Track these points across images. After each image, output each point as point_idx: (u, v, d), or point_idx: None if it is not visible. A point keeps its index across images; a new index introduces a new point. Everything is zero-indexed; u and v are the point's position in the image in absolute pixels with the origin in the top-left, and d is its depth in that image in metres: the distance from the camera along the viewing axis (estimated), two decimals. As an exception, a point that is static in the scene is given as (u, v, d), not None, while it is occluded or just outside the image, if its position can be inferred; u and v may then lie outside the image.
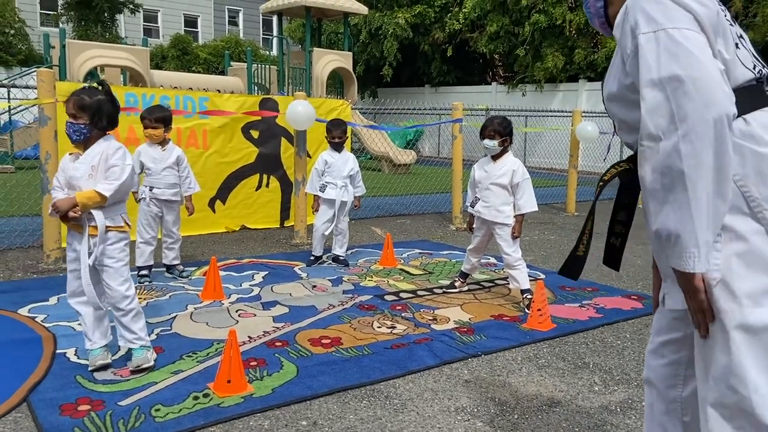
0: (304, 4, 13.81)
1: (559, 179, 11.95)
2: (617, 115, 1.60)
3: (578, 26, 15.60)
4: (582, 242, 1.72)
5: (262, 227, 7.01)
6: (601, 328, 3.90)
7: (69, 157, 3.00)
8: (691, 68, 1.30)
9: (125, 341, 3.10)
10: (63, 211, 2.85)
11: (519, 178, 4.19)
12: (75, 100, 2.90)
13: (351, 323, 3.86)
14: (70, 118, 2.91)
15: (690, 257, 1.31)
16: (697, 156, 1.28)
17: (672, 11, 1.36)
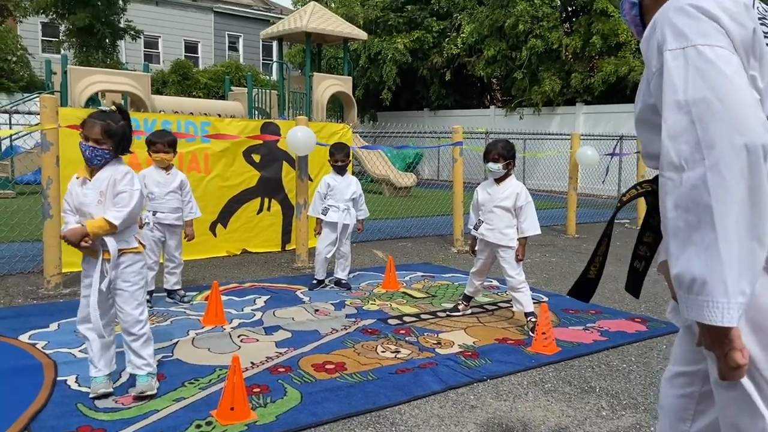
0: (305, 30, 13.97)
1: (559, 201, 11.97)
2: (643, 141, 1.47)
3: (574, 51, 15.77)
4: (594, 264, 1.60)
5: (263, 251, 6.99)
6: (606, 352, 3.86)
7: (76, 181, 2.97)
8: (722, 90, 1.16)
9: (133, 367, 3.06)
10: (74, 243, 2.85)
11: (522, 201, 4.20)
12: (102, 126, 2.87)
13: (355, 348, 3.82)
14: (92, 143, 2.86)
15: (717, 308, 1.12)
16: (728, 189, 1.11)
17: (704, 26, 1.22)
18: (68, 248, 5.32)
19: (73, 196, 2.95)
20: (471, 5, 17.89)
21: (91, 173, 2.95)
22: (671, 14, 1.28)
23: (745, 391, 1.26)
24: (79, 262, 5.57)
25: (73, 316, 4.26)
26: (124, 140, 2.94)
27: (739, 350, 1.16)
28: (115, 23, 19.44)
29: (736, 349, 1.16)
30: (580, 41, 15.61)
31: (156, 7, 26.52)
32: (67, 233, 2.88)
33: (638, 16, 1.53)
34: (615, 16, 14.66)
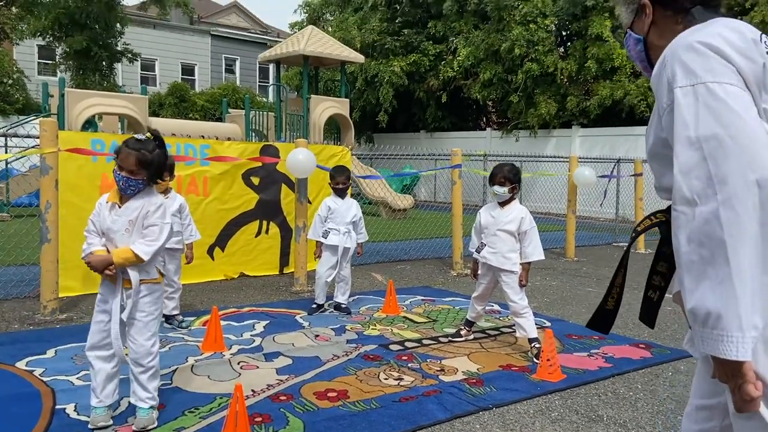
0: (302, 53, 14.06)
1: (557, 224, 11.97)
2: (655, 174, 1.49)
3: (570, 74, 15.93)
4: (612, 295, 1.59)
5: (261, 274, 6.94)
6: (612, 379, 3.82)
7: (106, 205, 2.90)
8: (733, 127, 1.18)
9: (136, 398, 2.98)
10: (98, 270, 2.80)
11: (527, 225, 4.19)
12: (137, 156, 2.81)
13: (357, 375, 3.77)
14: (126, 173, 2.81)
15: (732, 342, 1.14)
16: (741, 224, 1.13)
17: (713, 63, 1.25)
18: (66, 273, 5.28)
19: (101, 219, 2.88)
20: (467, 29, 18.09)
21: (122, 199, 2.90)
22: (680, 52, 1.30)
23: (764, 421, 1.25)
24: (77, 287, 5.54)
25: (70, 341, 4.22)
26: (158, 170, 2.92)
27: (752, 383, 1.18)
28: (112, 46, 19.54)
29: (749, 382, 1.18)
30: (575, 65, 15.78)
31: (153, 30, 26.71)
32: (92, 259, 2.81)
33: (643, 52, 1.57)
34: (609, 41, 14.84)
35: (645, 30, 1.55)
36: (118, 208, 2.88)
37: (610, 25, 14.95)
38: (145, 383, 2.96)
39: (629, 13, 1.58)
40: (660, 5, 1.51)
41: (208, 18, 30.50)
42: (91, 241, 2.88)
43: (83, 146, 5.42)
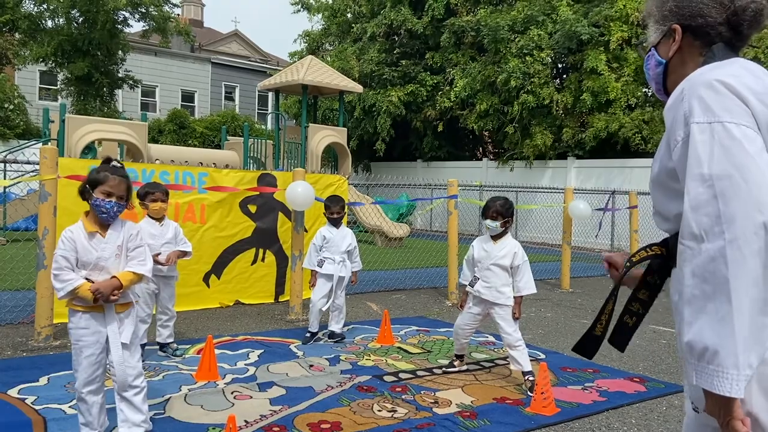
0: (302, 82, 14.23)
1: (552, 254, 12.01)
2: (655, 201, 1.52)
3: (565, 106, 16.14)
4: (600, 322, 1.60)
5: (256, 302, 6.93)
6: (606, 413, 3.81)
7: (84, 237, 2.85)
8: (746, 169, 1.20)
9: (129, 425, 2.95)
10: (106, 295, 2.80)
11: (519, 260, 4.22)
12: (127, 183, 2.91)
13: (350, 406, 3.76)
14: (116, 199, 2.85)
15: (727, 379, 1.16)
16: (745, 265, 1.16)
17: (731, 103, 1.26)
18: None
19: (83, 251, 2.84)
20: (464, 61, 18.36)
21: (102, 227, 2.91)
22: (700, 88, 1.32)
23: None
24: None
25: (63, 369, 4.20)
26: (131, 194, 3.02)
27: (740, 419, 1.21)
28: (113, 73, 19.75)
29: (737, 419, 1.20)
30: (570, 97, 15.99)
31: (155, 57, 27.03)
32: (100, 286, 2.78)
33: (662, 75, 1.57)
34: (604, 74, 15.07)
35: (669, 54, 1.54)
36: (102, 237, 2.88)
37: (605, 59, 15.20)
38: (140, 405, 2.97)
39: (658, 34, 1.58)
40: (690, 34, 1.50)
41: (209, 46, 30.89)
42: (68, 278, 2.79)
43: (82, 173, 5.45)
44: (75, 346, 2.92)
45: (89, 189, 2.86)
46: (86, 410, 2.93)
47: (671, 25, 1.53)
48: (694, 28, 1.50)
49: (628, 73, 15.22)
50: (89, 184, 2.87)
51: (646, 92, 16.55)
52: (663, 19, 1.56)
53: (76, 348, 2.91)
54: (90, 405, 2.92)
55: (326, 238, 5.34)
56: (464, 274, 4.46)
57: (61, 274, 2.80)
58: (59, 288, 2.82)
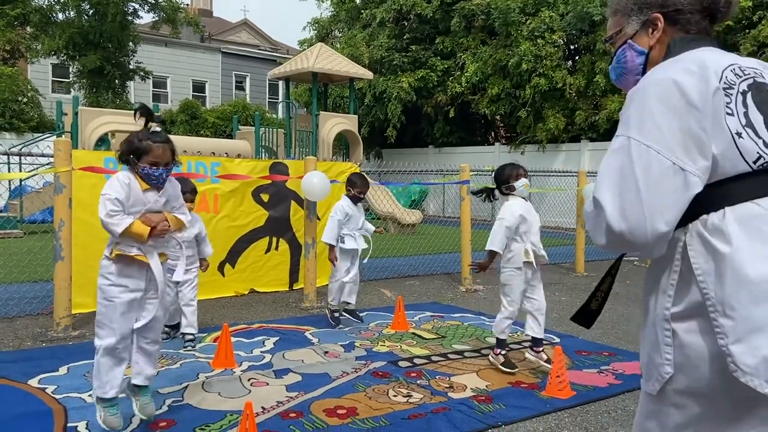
0: (312, 70, 14.20)
1: (566, 238, 11.95)
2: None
3: (578, 89, 15.96)
4: (596, 298, 1.65)
5: (271, 290, 6.97)
6: (621, 396, 3.80)
7: (139, 188, 2.91)
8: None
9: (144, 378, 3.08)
10: (156, 223, 2.87)
11: None
12: (168, 147, 2.94)
13: (366, 392, 3.78)
14: (164, 167, 2.90)
15: None
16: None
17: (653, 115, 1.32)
18: (79, 289, 5.34)
19: (136, 200, 2.88)
20: (475, 45, 18.21)
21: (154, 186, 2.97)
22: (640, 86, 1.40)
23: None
24: (91, 303, 5.58)
25: (83, 358, 4.27)
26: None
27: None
28: (125, 64, 19.82)
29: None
30: (583, 80, 15.82)
31: (165, 48, 27.08)
32: (151, 216, 2.88)
33: (642, 66, 1.58)
34: (617, 55, 14.87)
35: (651, 44, 1.55)
36: (153, 193, 2.94)
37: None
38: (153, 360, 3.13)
39: (635, 24, 1.58)
40: (672, 24, 1.52)
41: (219, 36, 30.87)
42: (122, 219, 2.82)
43: (96, 165, 5.51)
44: (109, 304, 2.91)
45: (134, 159, 2.88)
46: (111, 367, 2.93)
47: (652, 14, 1.53)
48: (675, 17, 1.51)
49: (641, 54, 15.01)
50: (133, 154, 2.87)
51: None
52: (641, 10, 1.57)
53: (110, 306, 2.90)
54: (120, 361, 2.96)
55: (348, 215, 5.35)
56: (500, 241, 4.18)
57: (116, 215, 2.82)
58: (116, 224, 2.80)
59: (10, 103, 18.47)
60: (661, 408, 1.41)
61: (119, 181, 2.86)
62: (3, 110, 18.38)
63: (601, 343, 5.06)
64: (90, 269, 5.53)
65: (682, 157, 1.28)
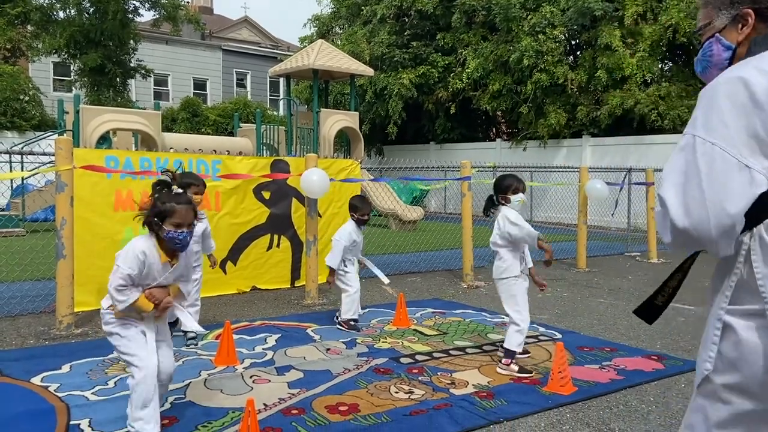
0: (312, 67, 14.19)
1: (568, 234, 11.94)
2: None
3: (580, 84, 15.92)
4: (663, 293, 1.62)
5: (272, 288, 6.98)
6: (623, 391, 3.80)
7: (158, 262, 2.89)
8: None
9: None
10: (160, 300, 2.89)
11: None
12: (191, 208, 2.90)
13: (368, 388, 3.78)
14: (187, 228, 2.87)
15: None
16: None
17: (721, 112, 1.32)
18: (81, 287, 5.35)
19: (151, 273, 2.88)
20: (475, 41, 18.16)
21: (173, 255, 2.94)
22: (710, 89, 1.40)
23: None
24: (93, 301, 5.61)
25: (85, 356, 4.28)
26: None
27: None
28: (126, 62, 19.83)
29: None
30: (585, 75, 15.78)
31: (166, 46, 27.06)
32: (154, 292, 2.89)
33: (728, 61, 1.55)
34: (619, 50, 14.83)
35: (739, 39, 1.52)
36: (171, 265, 2.95)
37: (620, 34, 14.95)
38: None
39: (724, 19, 1.55)
40: (763, 21, 1.49)
41: (219, 33, 30.85)
42: (130, 292, 2.85)
43: (98, 163, 5.51)
44: (126, 338, 2.92)
45: (158, 222, 2.86)
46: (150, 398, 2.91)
47: (743, 9, 1.50)
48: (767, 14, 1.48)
49: (643, 48, 14.96)
50: (157, 217, 2.86)
51: (662, 67, 16.28)
52: (732, 4, 1.53)
53: (129, 337, 2.92)
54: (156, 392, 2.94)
55: (355, 242, 5.32)
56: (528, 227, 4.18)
57: (125, 290, 2.83)
58: (121, 300, 2.83)
59: (11, 102, 18.49)
60: (708, 403, 1.41)
61: (135, 256, 2.84)
62: (5, 109, 18.39)
63: (603, 338, 5.06)
64: (92, 267, 5.55)
65: (747, 155, 1.28)
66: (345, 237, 5.25)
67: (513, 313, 4.18)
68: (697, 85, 15.29)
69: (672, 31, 14.45)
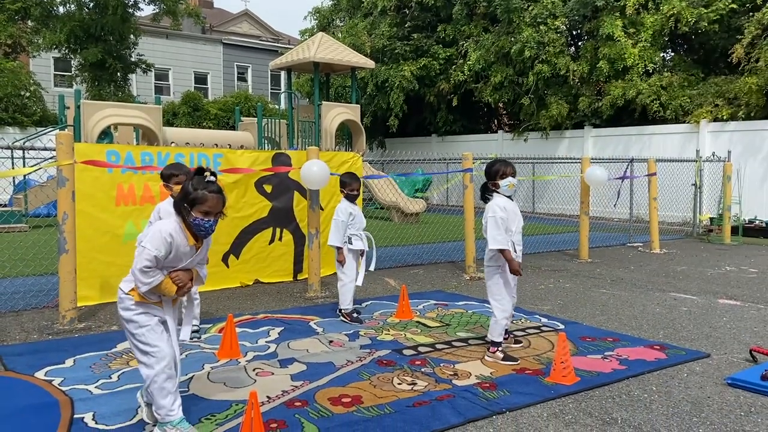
0: (313, 60, 14.15)
1: (570, 225, 11.93)
2: None
3: (581, 75, 15.86)
4: None
5: (275, 281, 6.99)
6: (626, 381, 3.81)
7: (185, 243, 2.90)
8: None
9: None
10: (185, 282, 2.90)
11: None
12: (221, 198, 2.90)
13: (370, 380, 3.79)
14: (213, 217, 2.88)
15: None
16: None
17: None
18: (84, 282, 5.37)
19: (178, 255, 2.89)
20: (477, 33, 18.09)
21: (198, 239, 2.96)
22: None
23: None
24: (95, 296, 5.63)
25: (89, 350, 4.29)
26: None
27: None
28: (126, 57, 19.78)
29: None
30: (586, 66, 15.71)
31: (166, 40, 27.00)
32: (180, 274, 2.89)
33: None
34: (621, 40, 14.76)
35: None
36: (197, 249, 2.96)
37: (621, 24, 14.87)
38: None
39: None
40: None
41: (220, 27, 30.77)
42: (155, 274, 2.84)
43: (98, 158, 5.51)
44: (146, 328, 2.91)
45: (187, 207, 2.85)
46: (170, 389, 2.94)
47: None
48: None
49: (645, 38, 14.89)
50: (188, 203, 2.85)
51: (664, 57, 16.19)
52: None
53: (148, 329, 2.91)
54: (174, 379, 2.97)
55: (353, 215, 5.32)
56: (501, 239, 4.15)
57: (150, 271, 2.82)
58: (145, 282, 2.82)
59: (12, 98, 18.48)
60: None
61: (162, 236, 2.82)
62: (6, 105, 18.39)
63: (606, 329, 5.06)
64: (94, 261, 5.57)
65: None
66: (341, 213, 5.29)
67: (493, 302, 4.28)
68: (699, 74, 15.24)
69: (674, 20, 14.37)
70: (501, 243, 4.12)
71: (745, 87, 13.10)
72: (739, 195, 12.10)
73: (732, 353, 4.42)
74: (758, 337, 4.86)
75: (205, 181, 2.89)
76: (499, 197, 4.24)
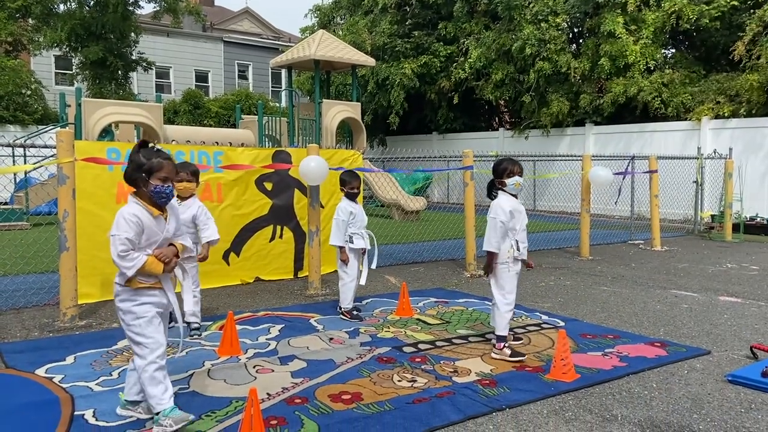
0: (313, 57, 14.14)
1: (571, 223, 11.92)
2: None
3: (583, 72, 15.83)
4: None
5: (276, 278, 7.00)
6: (626, 378, 3.81)
7: (149, 219, 2.94)
8: None
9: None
10: (170, 258, 2.95)
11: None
12: (173, 164, 3.01)
13: (370, 377, 3.79)
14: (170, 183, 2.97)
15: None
16: None
17: None
18: (84, 280, 5.37)
19: (150, 231, 2.93)
20: (478, 30, 18.06)
21: (161, 210, 3.01)
22: None
23: None
24: (96, 293, 5.63)
25: (89, 348, 4.30)
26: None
27: None
28: (127, 55, 19.78)
29: None
30: (588, 63, 15.69)
31: (167, 38, 26.98)
32: (162, 251, 2.95)
33: None
34: (622, 38, 14.73)
35: None
36: (164, 218, 3.01)
37: (623, 21, 14.85)
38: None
39: None
40: None
41: (221, 24, 30.74)
42: (135, 256, 2.87)
43: (99, 155, 5.52)
44: (143, 320, 2.95)
45: (145, 177, 2.91)
46: (164, 378, 2.98)
47: None
48: None
49: (646, 35, 14.86)
50: (145, 173, 2.91)
51: (665, 54, 16.17)
52: None
53: (144, 320, 2.95)
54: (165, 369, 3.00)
55: (353, 214, 5.32)
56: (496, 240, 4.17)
57: (128, 255, 2.87)
58: (128, 267, 2.86)
59: (14, 96, 18.48)
60: None
61: (125, 219, 2.88)
62: (7, 103, 18.39)
63: (606, 326, 5.06)
64: (95, 259, 5.57)
65: None
66: (341, 212, 5.28)
67: (498, 296, 4.25)
68: (701, 71, 15.21)
69: (675, 17, 14.35)
70: (493, 246, 4.17)
71: (747, 84, 13.08)
72: (741, 192, 12.08)
73: (732, 350, 4.41)
74: (759, 334, 4.86)
75: (155, 150, 3.02)
76: (504, 196, 4.25)
